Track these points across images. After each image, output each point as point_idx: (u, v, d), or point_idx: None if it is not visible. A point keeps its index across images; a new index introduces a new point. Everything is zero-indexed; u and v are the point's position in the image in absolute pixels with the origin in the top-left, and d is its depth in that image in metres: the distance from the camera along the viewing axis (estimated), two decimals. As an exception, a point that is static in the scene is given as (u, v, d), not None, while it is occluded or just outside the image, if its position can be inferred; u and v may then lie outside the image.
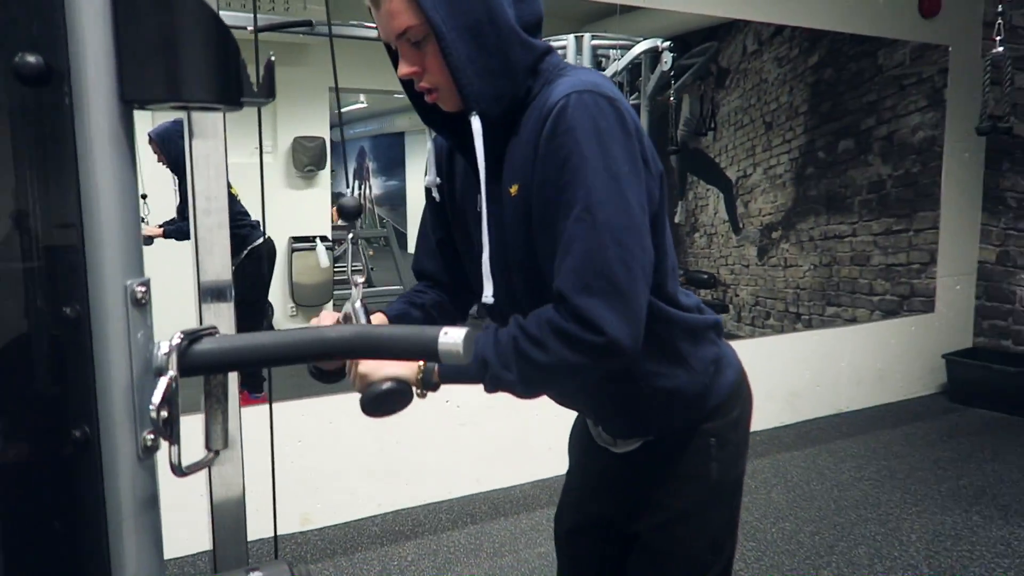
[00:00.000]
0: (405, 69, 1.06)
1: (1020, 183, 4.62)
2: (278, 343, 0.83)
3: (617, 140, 0.99)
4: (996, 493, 3.22)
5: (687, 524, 1.22)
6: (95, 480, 0.73)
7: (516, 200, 1.06)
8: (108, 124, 0.70)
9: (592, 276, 0.96)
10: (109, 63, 0.70)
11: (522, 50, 1.04)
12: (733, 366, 1.25)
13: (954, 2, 4.48)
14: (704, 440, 1.20)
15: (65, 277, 0.72)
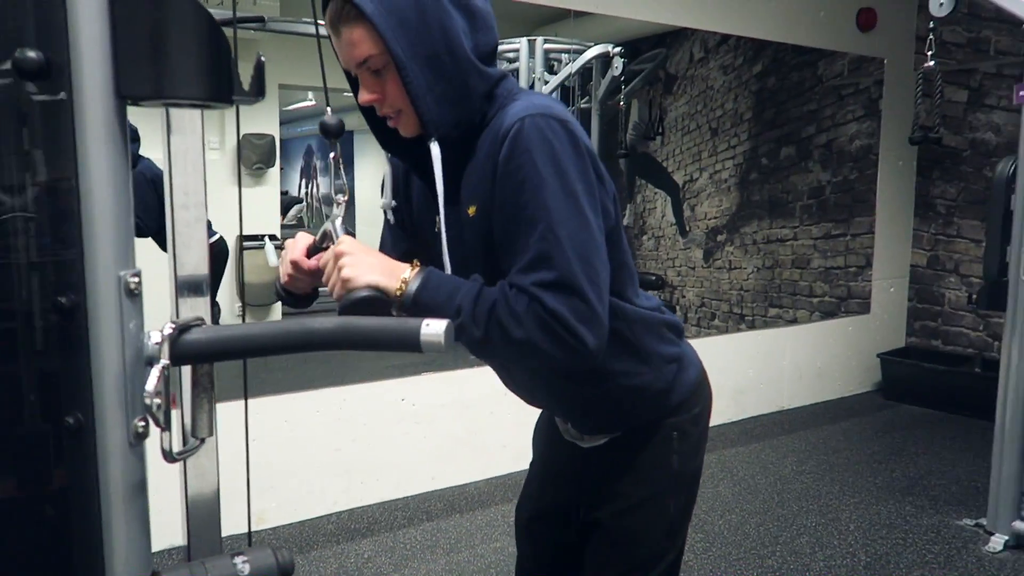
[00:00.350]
0: (366, 96, 1.09)
1: (949, 191, 4.85)
2: (265, 333, 0.86)
3: (570, 159, 1.04)
4: (927, 484, 3.39)
5: (647, 511, 1.27)
6: (88, 466, 0.75)
7: (475, 220, 1.11)
8: (104, 119, 0.72)
9: (563, 291, 1.01)
10: (106, 59, 0.72)
11: (479, 78, 1.09)
12: (695, 364, 1.31)
13: (889, 17, 4.68)
14: (667, 433, 1.26)
15: (61, 267, 0.74)
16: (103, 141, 0.72)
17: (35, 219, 0.74)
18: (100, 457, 0.75)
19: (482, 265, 1.13)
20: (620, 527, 1.28)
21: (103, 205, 0.73)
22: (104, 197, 0.73)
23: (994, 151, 4.62)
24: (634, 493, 1.27)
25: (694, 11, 4.00)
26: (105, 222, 0.73)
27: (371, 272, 1.02)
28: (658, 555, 1.29)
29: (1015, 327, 2.75)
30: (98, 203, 0.73)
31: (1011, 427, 2.77)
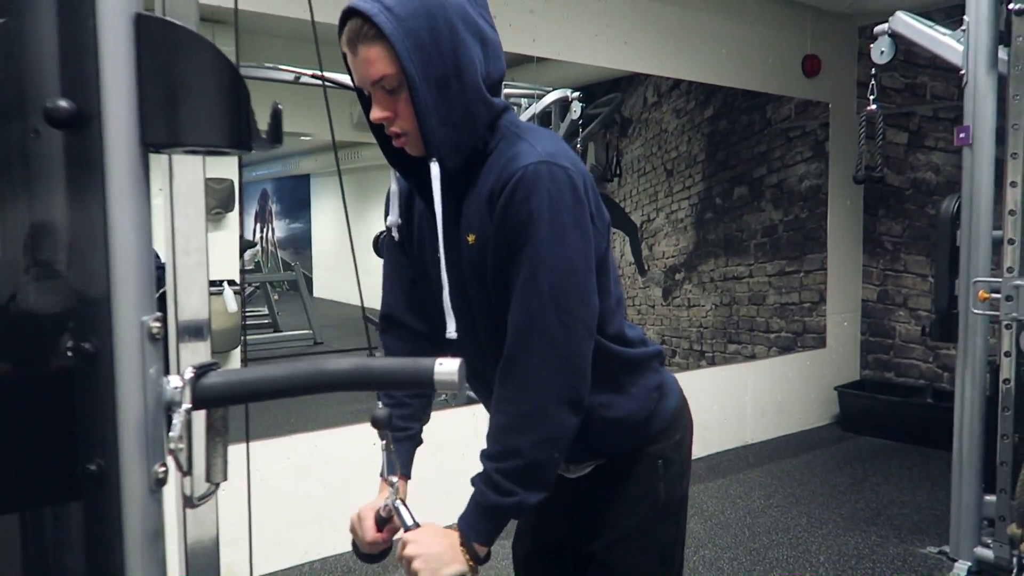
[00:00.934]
0: (378, 114, 1.13)
1: (895, 228, 5.06)
2: (282, 376, 0.86)
3: (567, 208, 1.10)
4: (890, 514, 3.47)
5: (638, 541, 1.30)
6: (111, 513, 0.74)
7: (473, 248, 1.16)
8: (130, 167, 0.74)
9: (533, 335, 1.08)
10: (132, 108, 0.74)
11: (483, 106, 1.13)
12: (674, 392, 1.35)
13: (832, 64, 4.91)
14: (651, 462, 1.29)
15: (86, 313, 0.74)
16: (129, 189, 0.73)
17: (68, 265, 0.74)
18: (124, 504, 0.74)
19: (477, 291, 1.17)
20: (613, 559, 1.30)
21: (128, 251, 0.74)
22: (129, 244, 0.74)
23: (935, 190, 4.84)
24: (623, 524, 1.29)
25: (651, 58, 4.14)
26: (130, 268, 0.74)
27: (441, 567, 1.09)
28: None
29: (967, 358, 2.86)
30: (124, 249, 0.73)
31: (968, 456, 2.86)
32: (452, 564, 1.10)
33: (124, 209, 0.73)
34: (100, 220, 0.71)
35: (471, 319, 1.21)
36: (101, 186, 0.71)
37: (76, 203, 0.73)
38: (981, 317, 2.78)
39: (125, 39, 0.72)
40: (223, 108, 0.78)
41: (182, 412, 0.77)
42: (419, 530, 1.14)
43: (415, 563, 1.10)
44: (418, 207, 1.27)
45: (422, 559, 1.10)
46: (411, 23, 1.06)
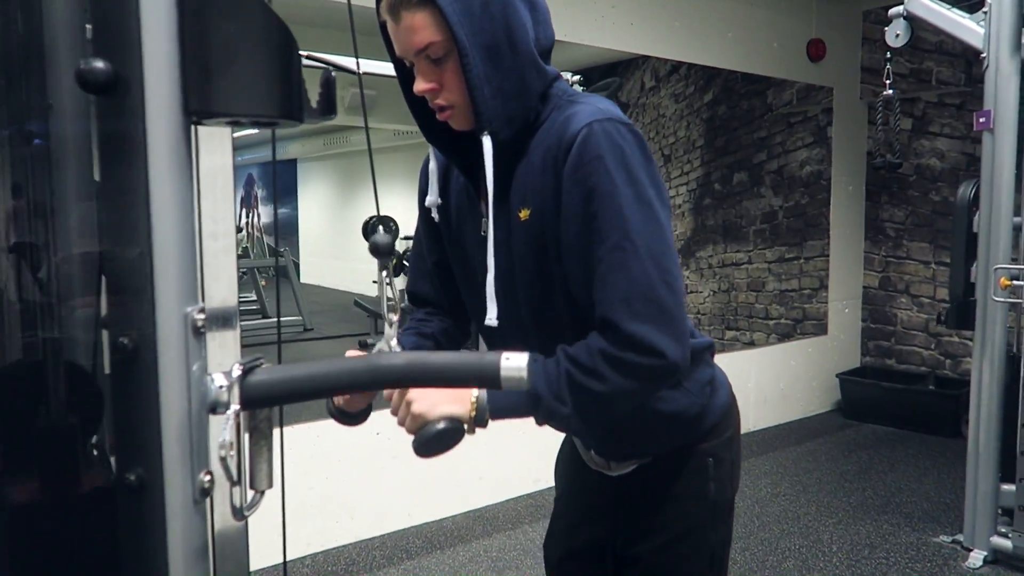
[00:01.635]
0: (423, 85, 1.03)
1: (897, 214, 5.02)
2: (332, 372, 0.79)
3: (642, 166, 1.01)
4: (899, 502, 3.44)
5: (688, 544, 1.23)
6: (153, 528, 0.66)
7: (527, 225, 1.06)
8: (173, 139, 0.65)
9: (641, 303, 0.98)
10: (173, 73, 0.65)
11: (536, 74, 1.05)
12: (725, 387, 1.28)
13: (836, 48, 4.85)
14: (701, 460, 1.22)
15: (125, 303, 0.65)
16: (172, 163, 0.65)
17: (103, 249, 0.65)
18: (167, 518, 0.66)
19: (530, 272, 1.09)
20: (661, 563, 1.23)
21: (172, 233, 0.65)
22: (173, 225, 0.65)
23: (939, 176, 4.80)
24: (673, 526, 1.22)
25: (656, 40, 4.07)
26: (173, 252, 0.66)
27: (440, 403, 0.98)
28: None
29: (985, 346, 2.82)
30: (167, 231, 0.65)
31: (985, 445, 2.83)
32: (453, 404, 0.99)
33: (167, 186, 0.64)
34: (141, 198, 0.63)
35: (514, 303, 1.13)
36: (143, 159, 0.63)
37: (113, 179, 0.65)
38: (1001, 304, 2.73)
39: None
40: (274, 74, 0.69)
41: (231, 414, 0.69)
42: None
43: (413, 392, 0.99)
44: (455, 187, 1.18)
45: (422, 393, 0.98)
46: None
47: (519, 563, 2.85)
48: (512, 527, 3.15)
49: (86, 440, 0.69)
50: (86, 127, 0.72)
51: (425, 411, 0.97)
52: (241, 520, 0.72)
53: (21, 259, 0.73)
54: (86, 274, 0.70)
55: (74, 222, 0.72)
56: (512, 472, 3.41)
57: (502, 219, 1.09)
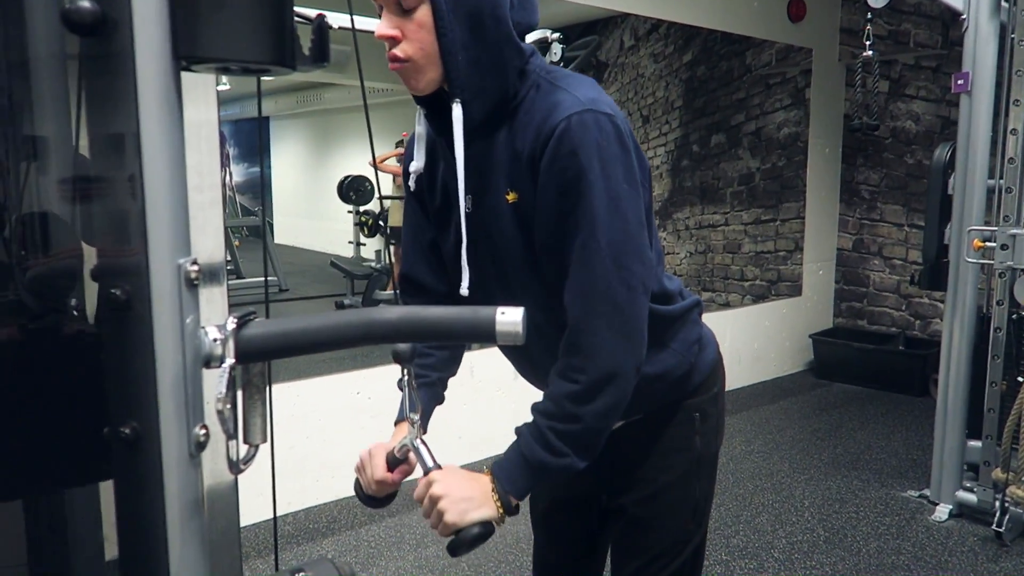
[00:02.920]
0: (385, 31, 1.00)
1: (872, 177, 5.06)
2: (327, 326, 0.78)
3: (617, 159, 1.01)
4: (869, 459, 3.53)
5: (672, 495, 1.25)
6: (148, 483, 0.66)
7: (516, 207, 1.07)
8: (162, 84, 0.63)
9: (597, 301, 1.02)
10: (163, 14, 0.63)
11: (514, 51, 1.03)
12: (712, 344, 1.30)
13: (816, 8, 4.83)
14: (688, 415, 1.24)
15: (116, 254, 0.64)
16: (163, 109, 0.63)
17: (94, 199, 0.63)
18: (164, 472, 0.66)
19: (521, 254, 1.09)
20: (645, 513, 1.26)
21: (163, 182, 0.64)
22: (164, 173, 0.64)
23: (914, 139, 4.84)
24: (658, 478, 1.25)
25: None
26: (164, 203, 0.64)
27: (470, 509, 1.02)
28: (684, 540, 1.27)
29: (956, 306, 2.87)
30: (158, 180, 0.63)
31: (953, 402, 2.90)
32: (482, 508, 1.03)
33: (158, 132, 0.62)
34: (132, 145, 0.61)
35: (504, 279, 1.13)
36: (133, 105, 0.61)
37: (102, 125, 0.63)
38: (973, 266, 2.78)
39: (154, -71, 0.61)
40: (266, 18, 0.67)
41: (226, 368, 0.68)
42: (445, 470, 1.07)
43: (443, 502, 1.02)
44: (443, 155, 1.17)
45: (450, 500, 1.02)
46: None
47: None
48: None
49: (79, 394, 0.67)
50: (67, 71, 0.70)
51: (456, 520, 1.02)
52: (237, 473, 0.72)
53: (3, 211, 0.71)
54: (74, 224, 0.68)
55: (60, 171, 0.70)
56: (492, 430, 3.43)
57: (489, 196, 1.08)
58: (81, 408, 0.68)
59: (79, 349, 0.69)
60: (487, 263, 1.14)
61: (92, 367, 0.67)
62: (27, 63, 0.72)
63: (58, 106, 0.73)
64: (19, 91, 0.72)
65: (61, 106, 0.73)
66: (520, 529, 2.77)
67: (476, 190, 1.09)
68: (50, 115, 0.73)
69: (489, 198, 1.08)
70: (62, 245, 0.69)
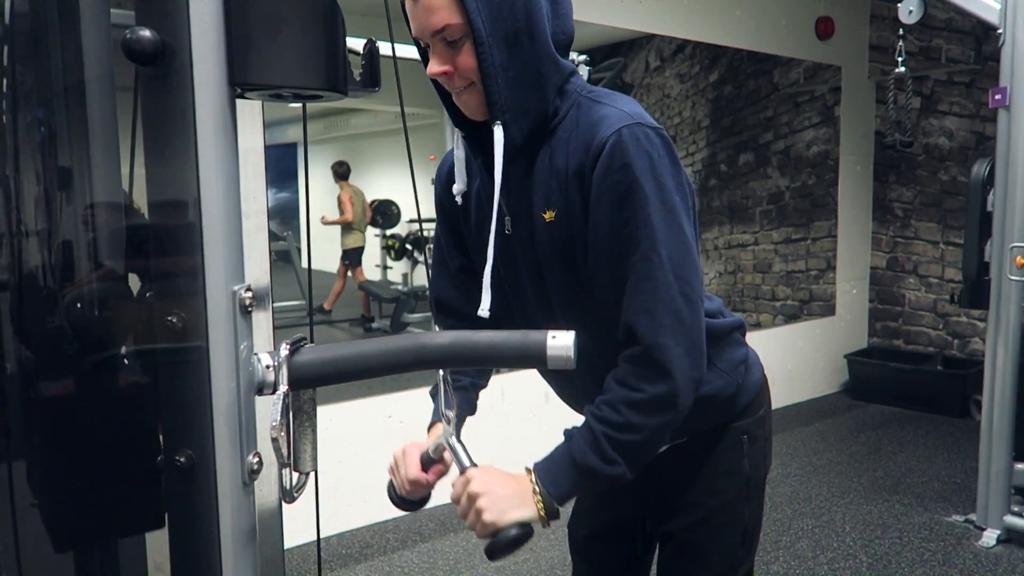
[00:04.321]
0: (436, 68, 1.02)
1: (905, 194, 4.99)
2: (379, 352, 0.77)
3: (669, 172, 1.01)
4: (910, 483, 3.44)
5: (721, 521, 1.22)
6: (203, 511, 0.65)
7: (553, 226, 1.06)
8: (219, 111, 0.63)
9: (663, 314, 0.99)
10: (220, 43, 0.63)
11: (553, 68, 1.03)
12: (757, 365, 1.27)
13: (845, 26, 4.80)
14: (735, 438, 1.22)
15: (172, 282, 0.64)
16: (220, 136, 0.63)
17: (152, 227, 0.63)
18: (219, 500, 0.65)
19: (559, 272, 1.08)
20: (694, 540, 1.23)
21: (219, 210, 0.64)
22: (220, 201, 0.64)
23: (947, 155, 4.77)
24: (706, 503, 1.22)
25: (665, 18, 4.02)
26: (221, 229, 0.64)
27: (509, 509, 0.99)
28: (734, 566, 1.25)
29: (999, 325, 2.80)
30: (215, 208, 0.63)
31: (998, 424, 2.82)
32: (523, 508, 1.00)
33: (215, 160, 0.63)
34: (191, 173, 0.61)
35: (545, 301, 1.12)
36: (191, 131, 0.61)
37: (161, 152, 0.63)
38: (1016, 283, 2.72)
39: (212, -41, 0.61)
40: (319, 45, 0.67)
41: (280, 395, 0.68)
42: (483, 468, 1.03)
43: (481, 500, 0.99)
44: (476, 185, 1.16)
45: (489, 497, 0.99)
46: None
47: (533, 544, 2.84)
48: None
49: (134, 423, 0.67)
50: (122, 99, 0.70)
51: (496, 519, 0.98)
52: (290, 502, 0.71)
53: (60, 239, 0.71)
54: (134, 252, 0.69)
55: (115, 200, 0.70)
56: (525, 454, 3.40)
57: (523, 216, 1.08)
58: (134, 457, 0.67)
59: (130, 396, 0.69)
60: (526, 284, 1.13)
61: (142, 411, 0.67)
62: (80, 90, 0.73)
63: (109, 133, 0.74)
64: (74, 118, 0.73)
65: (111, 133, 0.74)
66: (555, 555, 2.73)
67: (514, 211, 1.09)
68: (101, 142, 0.74)
69: (526, 218, 1.08)
70: (120, 272, 0.70)
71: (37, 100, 0.75)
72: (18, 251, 0.72)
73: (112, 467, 0.67)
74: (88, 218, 0.72)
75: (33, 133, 0.74)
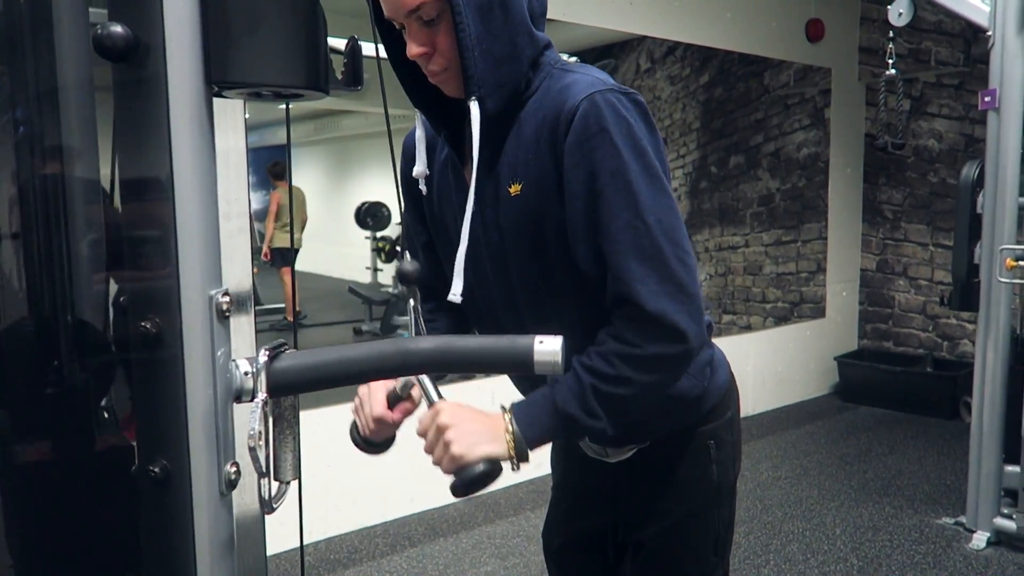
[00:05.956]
0: (415, 49, 0.99)
1: (895, 196, 5.01)
2: (361, 358, 0.75)
3: (646, 137, 0.98)
4: (900, 484, 3.44)
5: (692, 528, 1.20)
6: (178, 524, 0.63)
7: (518, 200, 1.02)
8: (195, 109, 0.61)
9: (658, 282, 0.95)
10: (195, 39, 0.61)
11: (528, 39, 1.01)
12: (724, 366, 1.24)
13: (835, 28, 4.81)
14: (702, 442, 1.19)
15: (147, 286, 0.62)
16: (195, 136, 0.61)
17: (123, 229, 0.61)
18: (195, 512, 0.63)
19: (524, 249, 1.04)
20: (665, 548, 1.21)
21: (195, 211, 0.62)
22: (197, 202, 0.62)
23: (937, 157, 4.78)
24: (676, 510, 1.19)
25: (656, 20, 4.02)
26: (196, 232, 0.62)
27: (479, 443, 0.95)
28: (707, 572, 1.22)
29: (989, 327, 2.81)
30: (190, 209, 0.61)
31: (988, 426, 2.82)
32: (493, 444, 0.96)
33: (190, 160, 0.61)
34: (165, 172, 0.59)
35: (506, 280, 1.08)
36: (166, 132, 0.59)
37: (134, 152, 0.61)
38: (1005, 286, 2.72)
39: (187, -47, 0.60)
40: (299, 43, 0.65)
41: (259, 402, 0.66)
42: (453, 402, 0.99)
43: (450, 432, 0.95)
44: (439, 160, 1.13)
45: (458, 430, 0.95)
46: None
47: (522, 549, 2.83)
48: (515, 513, 3.14)
49: (106, 431, 0.65)
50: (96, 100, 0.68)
51: (464, 452, 0.94)
52: (269, 513, 0.69)
53: (32, 243, 0.69)
54: (103, 255, 0.67)
55: (88, 201, 0.68)
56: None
57: (489, 193, 1.04)
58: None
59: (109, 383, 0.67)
60: (489, 277, 1.09)
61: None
62: (56, 91, 0.71)
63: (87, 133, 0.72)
64: (49, 119, 0.71)
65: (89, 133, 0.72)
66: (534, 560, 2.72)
67: (479, 189, 1.04)
68: (78, 142, 0.72)
69: (492, 197, 1.04)
70: (93, 277, 0.68)
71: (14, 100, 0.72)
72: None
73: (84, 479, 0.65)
74: (63, 218, 0.70)
75: (9, 134, 0.72)
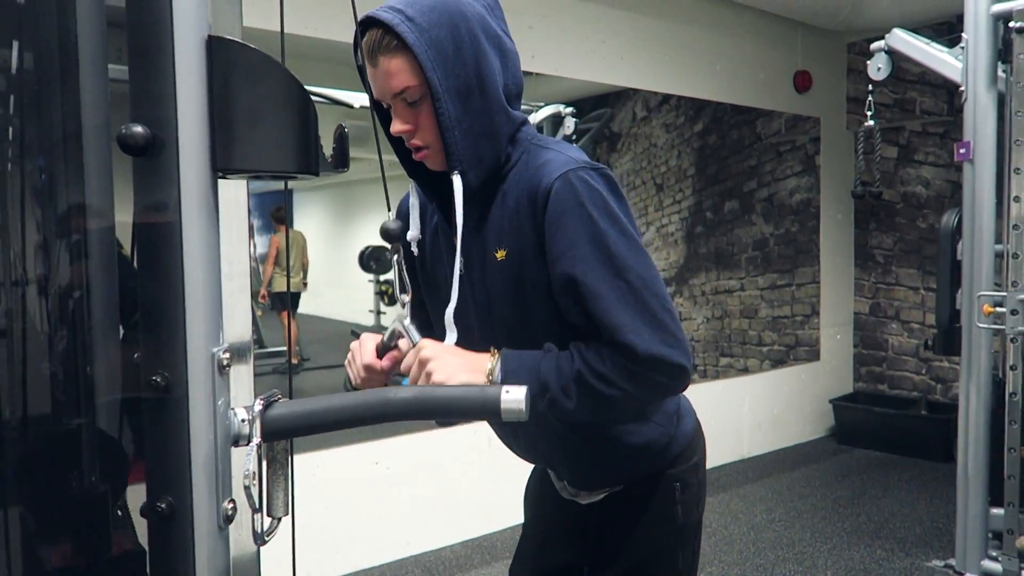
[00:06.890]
0: (399, 127, 1.11)
1: (886, 241, 5.11)
2: (346, 406, 0.84)
3: (616, 204, 1.09)
4: (893, 527, 3.48)
5: (654, 567, 1.27)
6: (181, 555, 0.71)
7: (504, 265, 1.13)
8: (202, 193, 0.71)
9: (649, 330, 1.04)
10: (204, 133, 0.71)
11: (504, 118, 1.12)
12: (690, 413, 1.33)
13: (822, 79, 4.97)
14: (668, 485, 1.26)
15: (158, 344, 0.71)
16: (202, 216, 0.71)
17: (141, 294, 0.71)
18: (195, 543, 0.72)
19: (509, 308, 1.14)
20: None
21: (201, 280, 0.71)
22: (202, 273, 0.72)
23: (925, 203, 4.90)
24: (641, 550, 1.26)
25: (646, 73, 4.17)
26: (202, 297, 0.72)
27: (459, 372, 1.03)
28: None
29: (971, 372, 2.88)
30: (197, 279, 0.71)
31: (974, 469, 2.87)
32: (473, 373, 1.04)
33: (197, 238, 0.71)
34: (176, 250, 0.69)
35: (492, 337, 1.18)
36: (177, 214, 0.69)
37: (149, 232, 0.71)
38: (985, 331, 2.80)
39: (198, 62, 0.70)
40: (293, 132, 0.76)
41: (253, 446, 0.75)
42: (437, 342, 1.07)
43: (432, 363, 1.03)
44: (432, 221, 1.24)
45: (439, 361, 1.03)
46: (433, 33, 1.05)
47: None
48: (510, 556, 3.17)
49: (118, 472, 0.74)
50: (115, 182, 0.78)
51: (444, 380, 1.02)
52: (261, 545, 0.78)
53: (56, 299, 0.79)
54: (119, 318, 0.76)
55: (108, 272, 0.78)
56: (509, 500, 3.43)
57: (476, 257, 1.15)
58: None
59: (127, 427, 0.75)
60: (472, 317, 1.19)
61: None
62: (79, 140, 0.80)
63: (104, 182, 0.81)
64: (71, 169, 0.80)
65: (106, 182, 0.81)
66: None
67: (467, 253, 1.16)
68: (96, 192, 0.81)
69: (479, 259, 1.15)
70: (110, 335, 0.77)
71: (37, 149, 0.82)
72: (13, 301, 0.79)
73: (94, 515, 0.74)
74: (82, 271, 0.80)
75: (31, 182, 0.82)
